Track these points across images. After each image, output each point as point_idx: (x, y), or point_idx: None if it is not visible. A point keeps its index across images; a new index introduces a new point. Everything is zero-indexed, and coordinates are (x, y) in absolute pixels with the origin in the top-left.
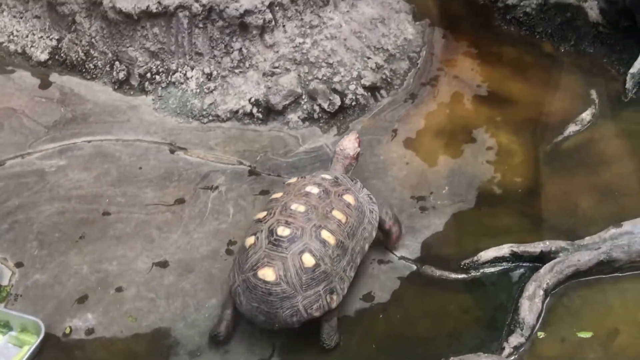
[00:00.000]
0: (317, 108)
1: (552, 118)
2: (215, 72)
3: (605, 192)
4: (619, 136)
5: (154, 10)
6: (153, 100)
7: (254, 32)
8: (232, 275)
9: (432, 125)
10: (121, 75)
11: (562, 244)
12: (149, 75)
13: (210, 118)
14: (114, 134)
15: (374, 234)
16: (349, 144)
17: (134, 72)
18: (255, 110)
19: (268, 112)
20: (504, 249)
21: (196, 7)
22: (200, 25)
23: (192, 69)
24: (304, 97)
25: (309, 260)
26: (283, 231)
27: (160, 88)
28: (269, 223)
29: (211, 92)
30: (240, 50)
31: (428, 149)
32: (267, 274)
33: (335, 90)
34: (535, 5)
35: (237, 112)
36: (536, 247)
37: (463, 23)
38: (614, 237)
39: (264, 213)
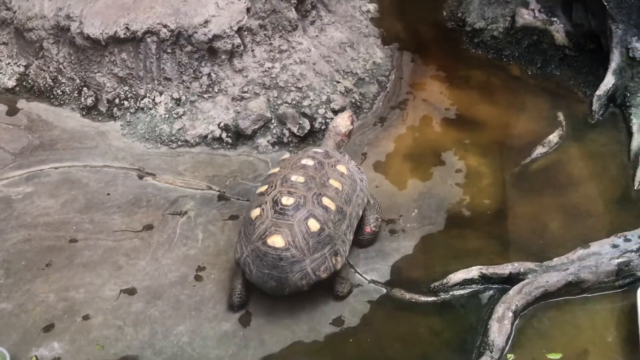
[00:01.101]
0: (286, 132)
1: (520, 140)
2: (184, 97)
3: (573, 213)
4: (585, 158)
5: (122, 36)
6: (121, 125)
7: (223, 56)
8: (238, 247)
9: (401, 149)
10: (89, 101)
11: (530, 265)
12: (117, 100)
13: (179, 143)
14: (82, 160)
15: (365, 201)
16: (342, 121)
17: (102, 98)
18: (224, 135)
19: (237, 136)
20: (473, 271)
21: (164, 32)
22: (169, 50)
23: (161, 94)
24: (273, 121)
25: (314, 225)
26: (287, 200)
27: (128, 113)
28: (272, 194)
29: (180, 117)
30: (209, 75)
31: (397, 172)
32: (277, 240)
33: (304, 114)
34: (502, 29)
35: (206, 137)
36: (505, 269)
37: (432, 47)
38: (581, 258)
39: (265, 187)
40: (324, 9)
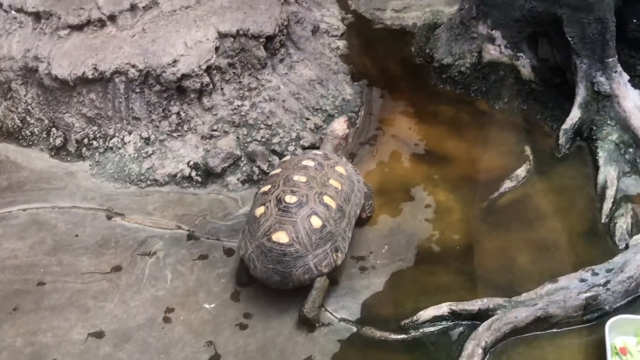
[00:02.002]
0: (256, 170)
1: (488, 175)
2: (153, 136)
3: (541, 248)
4: (553, 191)
5: (90, 77)
6: (90, 165)
7: (192, 95)
8: (242, 244)
9: (371, 185)
10: (58, 141)
11: (499, 301)
12: (86, 141)
13: (149, 182)
14: (50, 202)
15: (362, 201)
16: (339, 125)
17: (71, 138)
18: (194, 173)
19: (207, 175)
20: (443, 308)
21: (133, 72)
22: (137, 90)
23: (130, 133)
24: (243, 159)
25: (316, 222)
26: (291, 199)
27: (97, 153)
28: (276, 193)
29: (149, 156)
30: (178, 113)
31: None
32: (281, 236)
33: (274, 152)
34: (469, 65)
35: (175, 175)
36: (474, 305)
37: (400, 83)
38: (550, 292)
39: (268, 186)
40: (293, 46)
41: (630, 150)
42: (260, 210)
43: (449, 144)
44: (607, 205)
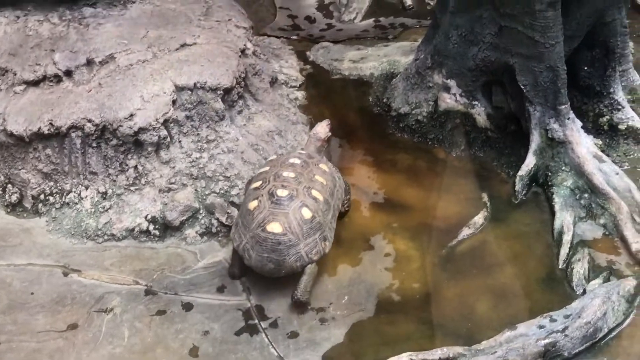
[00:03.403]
0: (215, 222)
1: (446, 222)
2: (110, 191)
3: (500, 294)
4: (511, 238)
5: (46, 132)
6: (47, 222)
7: (150, 149)
8: (236, 236)
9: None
10: (14, 198)
11: (459, 349)
12: (42, 196)
13: (106, 237)
14: (5, 259)
15: (343, 195)
16: (321, 129)
17: (27, 195)
18: (151, 227)
19: (165, 228)
20: (403, 358)
21: (89, 127)
22: (94, 144)
23: (87, 188)
24: (201, 211)
25: (307, 213)
26: (282, 192)
27: (54, 209)
28: (267, 188)
29: (106, 211)
30: (135, 167)
31: (327, 258)
32: (275, 227)
33: (233, 204)
34: (426, 113)
35: (133, 230)
36: (434, 354)
37: (359, 132)
38: (509, 340)
39: (259, 182)
40: (252, 98)
41: (586, 195)
42: (253, 204)
43: (407, 192)
44: (564, 250)
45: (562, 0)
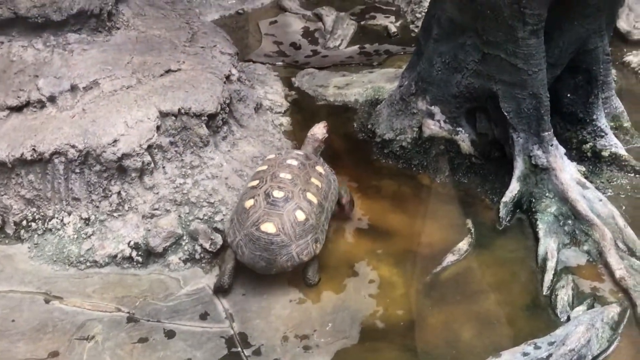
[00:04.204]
0: (198, 248)
1: (431, 249)
2: (93, 217)
3: (485, 321)
4: (495, 265)
5: (29, 158)
6: (29, 248)
7: (133, 174)
8: (231, 232)
9: (315, 260)
10: None
11: None
12: (24, 223)
13: (88, 264)
14: None
15: (336, 197)
16: (319, 130)
17: (9, 221)
18: (134, 253)
19: (148, 254)
20: None
21: (72, 152)
22: (77, 170)
23: (70, 214)
24: (184, 237)
25: (300, 215)
26: (278, 193)
27: (36, 235)
28: (264, 188)
29: (89, 237)
30: (119, 193)
31: (311, 285)
32: (269, 227)
33: (217, 230)
34: (410, 139)
35: (115, 256)
36: None
37: (343, 158)
38: None
39: (257, 181)
40: (236, 124)
41: (569, 222)
42: (249, 203)
43: (392, 218)
44: (548, 277)
45: (545, 28)
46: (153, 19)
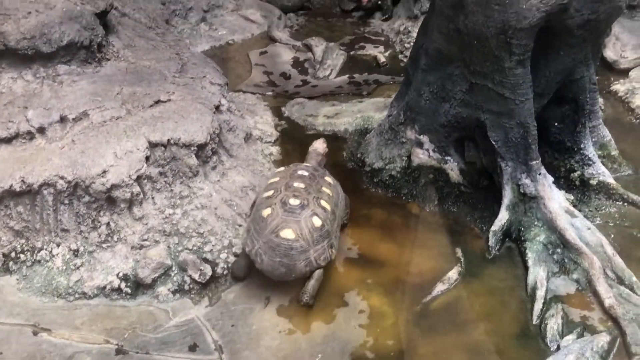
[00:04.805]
0: (187, 279)
1: (420, 278)
2: (82, 248)
3: (475, 351)
4: (485, 294)
5: (18, 189)
6: (17, 280)
7: (122, 205)
8: (249, 242)
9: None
10: None
11: None
12: (13, 254)
13: (77, 296)
14: None
15: (344, 206)
16: (319, 145)
17: None
18: (123, 285)
19: (137, 286)
20: None
21: (61, 184)
22: (66, 201)
23: (58, 245)
24: (174, 268)
25: (317, 221)
26: (294, 201)
27: (25, 267)
28: (280, 197)
29: (78, 268)
30: (108, 224)
31: (301, 316)
32: (288, 233)
33: (206, 260)
34: (399, 169)
35: (104, 288)
36: None
37: None
38: None
39: (271, 192)
40: (226, 154)
41: (558, 250)
42: (267, 211)
43: (381, 247)
44: (538, 306)
45: (531, 57)
46: (143, 50)
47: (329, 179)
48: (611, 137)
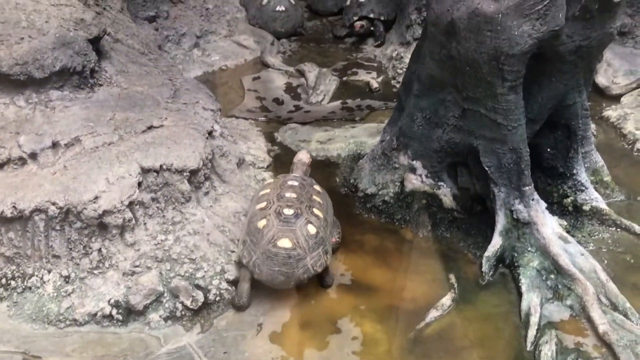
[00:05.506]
0: (179, 306)
1: (414, 304)
2: (73, 274)
3: None
4: (479, 320)
5: (9, 215)
6: (8, 306)
7: (114, 231)
8: (246, 253)
9: (297, 317)
10: None
11: None
12: (4, 281)
13: (68, 323)
14: None
15: (332, 212)
16: (303, 155)
17: None
18: (114, 311)
19: (128, 312)
20: None
21: (52, 209)
22: (57, 227)
23: (49, 272)
24: (165, 295)
25: (312, 229)
26: (288, 211)
27: (15, 294)
28: (274, 208)
29: (69, 295)
30: (99, 250)
31: (294, 342)
32: (285, 242)
33: (198, 286)
34: (392, 194)
35: (95, 314)
36: None
37: None
38: None
39: (264, 203)
40: (218, 179)
41: (552, 276)
42: (262, 223)
43: (375, 273)
44: (532, 332)
45: (524, 83)
46: (136, 75)
47: (317, 187)
48: (604, 163)
